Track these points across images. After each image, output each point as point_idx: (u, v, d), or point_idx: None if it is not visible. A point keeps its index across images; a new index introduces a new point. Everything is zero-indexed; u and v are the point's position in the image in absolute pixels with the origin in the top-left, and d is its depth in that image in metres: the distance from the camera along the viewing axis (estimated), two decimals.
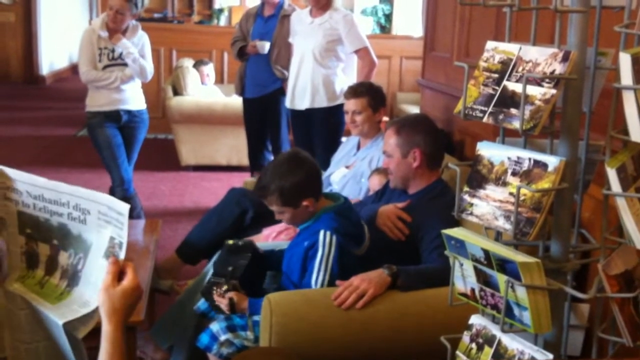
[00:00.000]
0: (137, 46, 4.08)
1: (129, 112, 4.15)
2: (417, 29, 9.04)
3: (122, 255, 1.30)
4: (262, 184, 2.34)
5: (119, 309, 1.28)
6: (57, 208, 1.34)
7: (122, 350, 1.29)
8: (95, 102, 4.10)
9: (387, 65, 7.54)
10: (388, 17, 10.37)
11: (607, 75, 1.67)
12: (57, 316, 1.32)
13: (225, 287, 2.32)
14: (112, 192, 4.23)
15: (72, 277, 1.36)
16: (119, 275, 1.30)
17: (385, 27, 10.33)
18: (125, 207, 1.27)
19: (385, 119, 4.31)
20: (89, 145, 4.43)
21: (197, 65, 6.52)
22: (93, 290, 1.32)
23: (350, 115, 3.35)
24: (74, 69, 11.83)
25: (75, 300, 1.35)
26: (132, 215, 4.19)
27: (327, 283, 2.24)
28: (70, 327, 1.33)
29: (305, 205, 2.31)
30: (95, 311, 1.32)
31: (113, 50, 4.04)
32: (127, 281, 1.29)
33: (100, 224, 1.31)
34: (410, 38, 8.11)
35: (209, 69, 6.59)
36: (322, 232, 2.27)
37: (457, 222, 1.91)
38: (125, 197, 4.17)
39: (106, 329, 1.29)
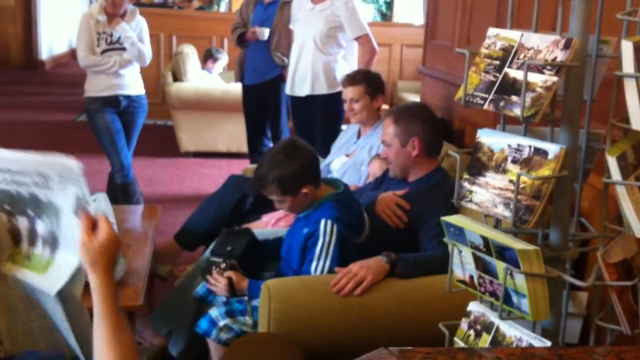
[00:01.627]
0: (135, 31, 4.07)
1: (128, 97, 4.15)
2: (418, 17, 9.01)
3: (91, 209, 1.31)
4: (259, 175, 2.33)
5: (99, 260, 1.30)
6: (23, 178, 1.35)
7: (112, 300, 1.31)
8: (94, 87, 4.09)
9: (388, 53, 7.52)
10: (389, 4, 10.35)
11: (609, 63, 1.66)
12: (48, 287, 1.34)
13: (223, 266, 2.32)
14: (111, 178, 4.24)
15: (53, 243, 1.37)
16: (93, 228, 1.32)
17: (386, 14, 10.31)
18: (73, 163, 1.28)
19: (385, 107, 4.31)
20: (88, 131, 4.42)
21: (215, 53, 6.49)
22: (74, 248, 1.34)
23: (348, 103, 3.34)
24: (73, 54, 11.73)
25: (61, 264, 1.36)
26: (132, 201, 4.20)
27: (327, 271, 2.24)
28: (64, 294, 1.34)
29: (304, 192, 2.31)
30: (82, 268, 1.34)
31: (111, 35, 4.03)
32: (101, 234, 1.31)
33: (63, 185, 1.32)
34: (411, 26, 8.08)
35: (224, 61, 6.57)
36: (323, 221, 2.26)
37: (456, 210, 1.91)
38: (125, 183, 4.19)
39: (92, 281, 1.31)
